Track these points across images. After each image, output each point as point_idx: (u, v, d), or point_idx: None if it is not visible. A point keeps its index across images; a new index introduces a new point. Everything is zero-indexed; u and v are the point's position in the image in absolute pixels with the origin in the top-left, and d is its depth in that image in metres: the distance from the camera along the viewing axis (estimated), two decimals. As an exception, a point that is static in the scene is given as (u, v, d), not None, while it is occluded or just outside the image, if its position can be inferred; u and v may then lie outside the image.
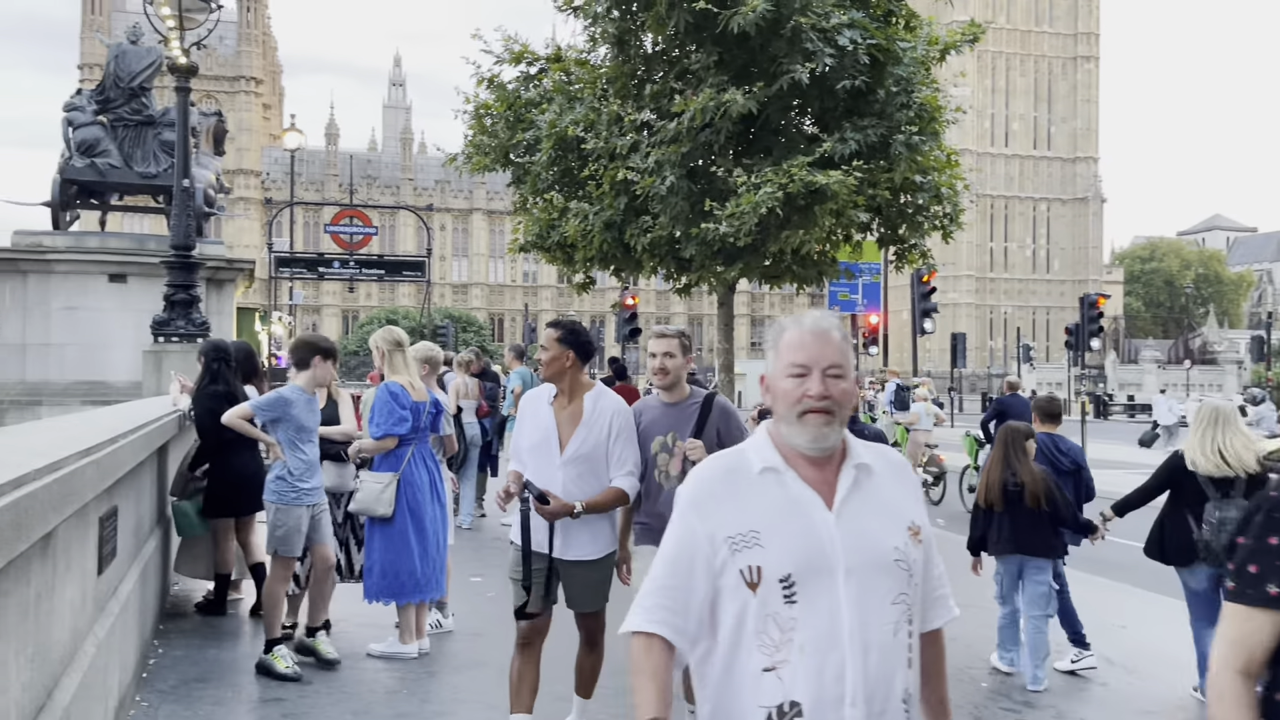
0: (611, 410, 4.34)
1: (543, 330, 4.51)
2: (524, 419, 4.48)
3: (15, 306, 16.26)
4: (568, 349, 4.33)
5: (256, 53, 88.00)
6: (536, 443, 4.33)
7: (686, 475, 3.54)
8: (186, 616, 7.19)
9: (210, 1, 12.44)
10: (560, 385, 4.37)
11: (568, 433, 4.30)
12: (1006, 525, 6.20)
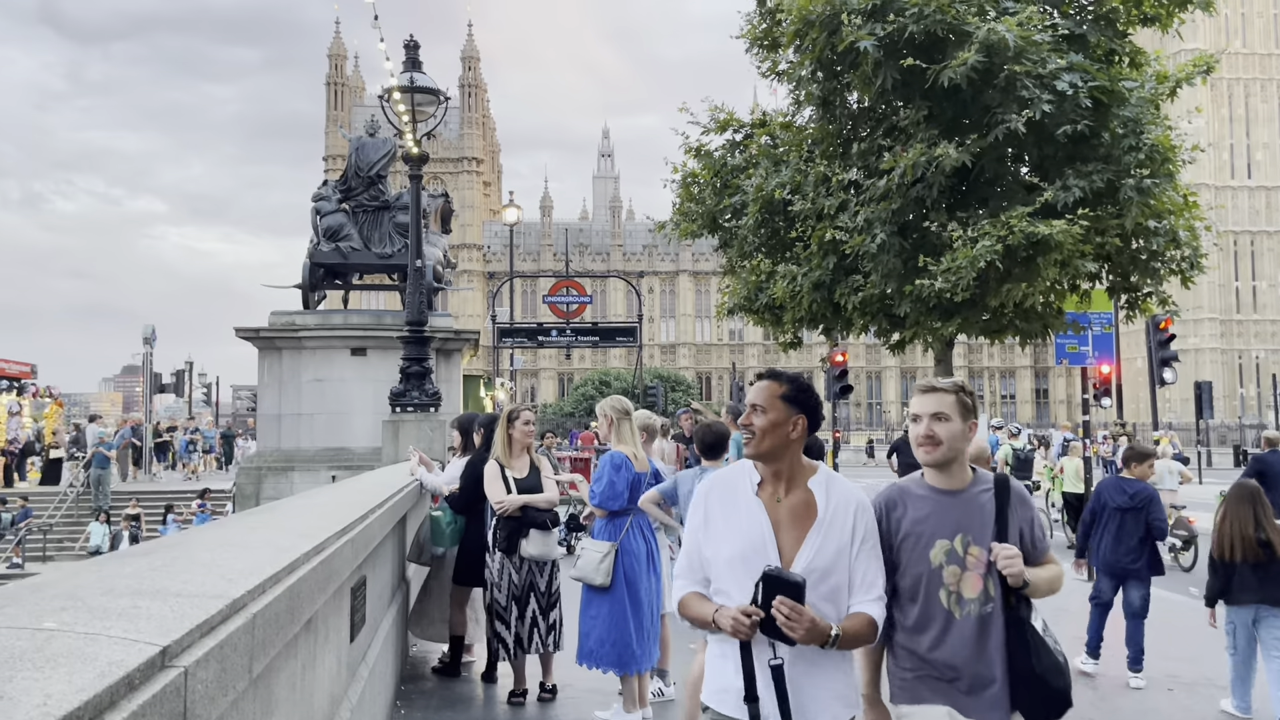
0: (854, 504, 2.94)
1: (753, 385, 3.03)
2: (712, 517, 2.98)
3: (272, 381, 17.86)
4: (796, 412, 2.93)
5: (477, 135, 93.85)
6: (741, 553, 2.86)
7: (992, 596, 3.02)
8: (425, 678, 7.55)
9: (439, 95, 13.42)
10: (775, 465, 2.94)
11: (792, 538, 2.87)
12: (1249, 576, 6.51)
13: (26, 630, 1.29)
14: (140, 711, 1.18)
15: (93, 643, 1.28)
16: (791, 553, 2.86)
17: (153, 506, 25.84)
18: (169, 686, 1.30)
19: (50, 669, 1.13)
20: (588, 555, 6.19)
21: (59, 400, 37.27)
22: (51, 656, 1.19)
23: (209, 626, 1.59)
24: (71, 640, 1.28)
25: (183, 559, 2.16)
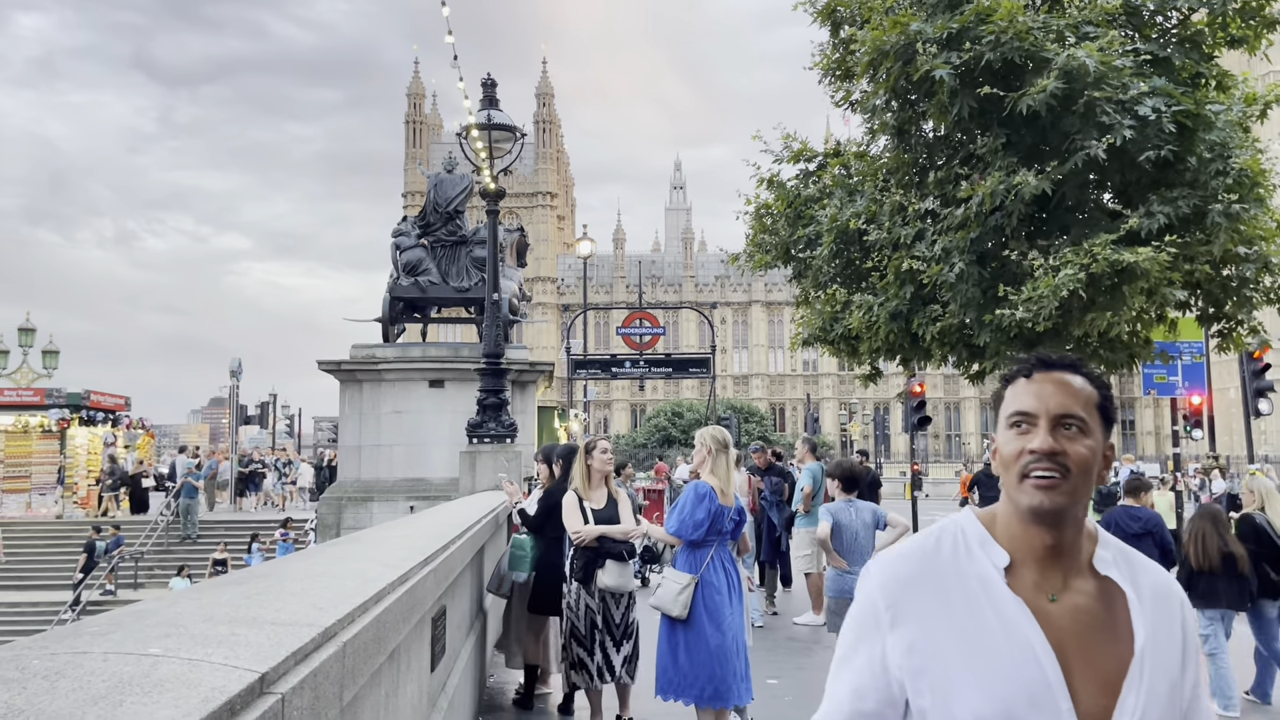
0: (1175, 601, 1.65)
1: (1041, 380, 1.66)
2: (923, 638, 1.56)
3: (353, 413, 18.24)
4: (1107, 435, 1.67)
5: (551, 169, 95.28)
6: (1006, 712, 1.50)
7: None
8: (503, 709, 7.57)
9: (516, 131, 13.67)
10: (1060, 531, 1.60)
11: (1093, 676, 1.54)
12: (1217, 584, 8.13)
13: (133, 656, 1.33)
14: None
15: (196, 669, 1.32)
16: (1098, 704, 1.53)
17: (239, 536, 26.50)
18: (267, 713, 1.33)
19: (158, 694, 1.17)
20: (667, 585, 6.17)
21: (150, 432, 38.55)
22: (158, 682, 1.22)
23: (303, 654, 1.63)
24: (176, 666, 1.32)
25: (275, 588, 2.21)
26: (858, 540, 7.34)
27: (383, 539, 4.27)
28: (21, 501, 29.41)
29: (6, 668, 1.21)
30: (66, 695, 1.11)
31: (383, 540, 4.13)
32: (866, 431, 73.37)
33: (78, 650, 1.35)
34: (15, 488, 29.54)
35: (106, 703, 1.10)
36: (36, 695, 1.09)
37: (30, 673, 1.19)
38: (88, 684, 1.17)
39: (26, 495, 29.64)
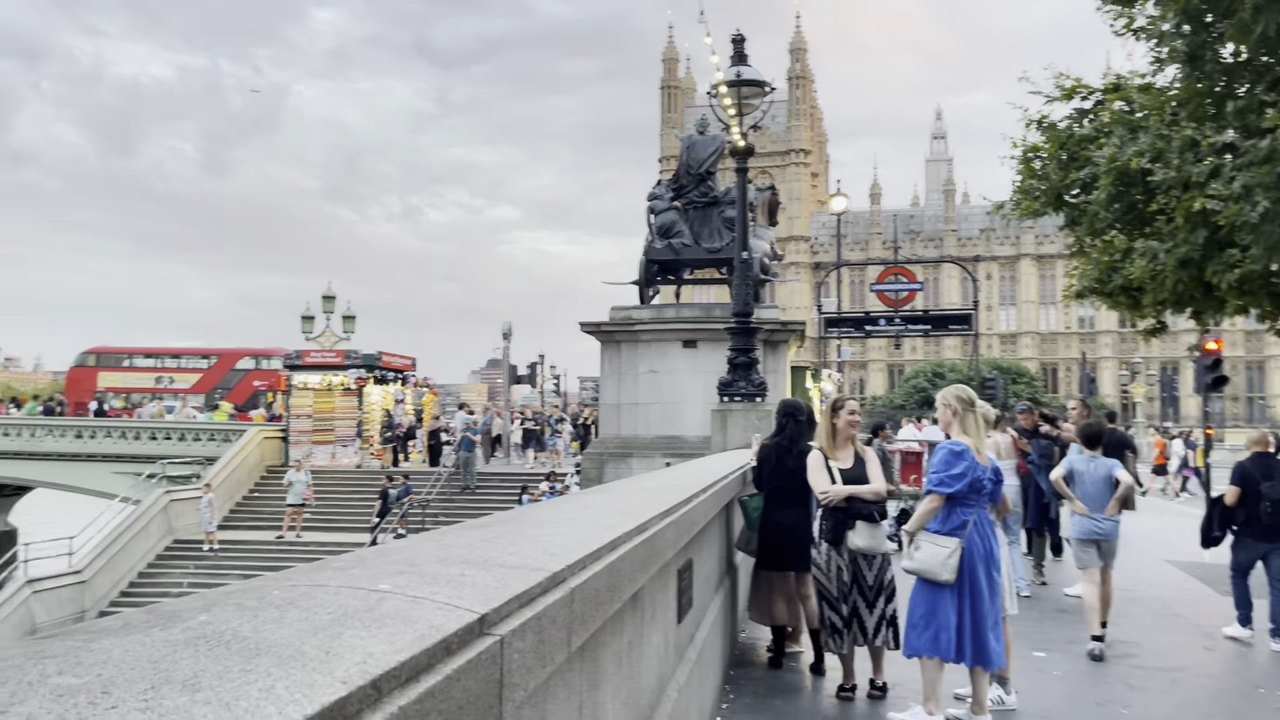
0: None
1: None
2: None
3: (611, 372, 18.85)
4: None
5: (804, 126, 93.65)
6: None
7: None
8: (754, 665, 7.60)
9: (764, 86, 13.46)
10: None
11: None
12: None
13: (363, 591, 1.38)
14: (455, 675, 1.22)
15: (418, 606, 1.35)
16: None
17: (511, 487, 28.26)
18: (485, 653, 1.34)
19: (376, 629, 1.20)
20: (931, 550, 5.88)
21: (434, 390, 41.76)
22: (380, 617, 1.26)
23: (528, 598, 1.64)
24: (400, 603, 1.35)
25: (513, 533, 2.27)
26: (1091, 490, 8.50)
27: (628, 490, 4.34)
28: (327, 452, 32.74)
29: (248, 596, 1.28)
30: (291, 625, 1.15)
31: (628, 491, 4.21)
32: (1151, 393, 67.52)
33: (317, 583, 1.42)
34: (322, 439, 32.91)
35: (326, 634, 1.14)
36: (263, 623, 1.14)
37: (267, 602, 1.26)
38: (314, 615, 1.21)
39: (331, 447, 32.96)
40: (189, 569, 25.04)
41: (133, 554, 25.18)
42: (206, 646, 1.02)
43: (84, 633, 1.06)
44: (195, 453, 31.89)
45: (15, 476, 35.56)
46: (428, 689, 1.13)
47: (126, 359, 52.49)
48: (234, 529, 27.64)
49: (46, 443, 33.85)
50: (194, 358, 52.61)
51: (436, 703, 1.15)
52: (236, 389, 49.02)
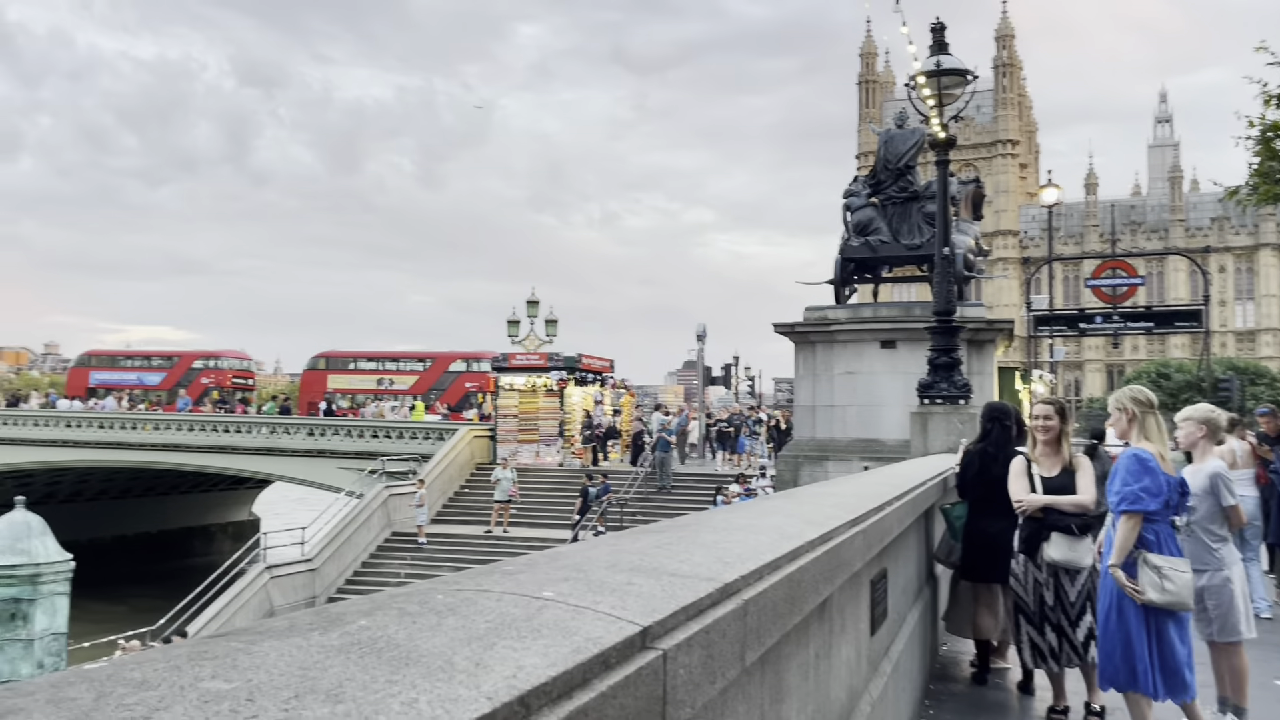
0: None
1: None
2: None
3: (806, 374, 18.56)
4: None
5: (1012, 115, 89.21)
6: None
7: None
8: (956, 680, 7.25)
9: (966, 74, 12.89)
10: None
11: None
12: None
13: (525, 598, 1.37)
14: (611, 692, 1.18)
15: (578, 616, 1.32)
16: None
17: (705, 488, 28.35)
18: (645, 669, 1.29)
19: (531, 640, 1.17)
20: (1177, 577, 5.27)
21: (631, 391, 42.53)
22: (537, 627, 1.23)
23: (696, 610, 1.59)
24: (560, 612, 1.33)
25: (687, 539, 2.22)
26: None
27: (816, 496, 4.21)
28: (532, 451, 33.92)
29: (411, 601, 1.29)
30: (446, 633, 1.14)
31: (815, 497, 4.08)
32: None
33: (481, 588, 1.42)
34: (527, 438, 34.13)
35: (480, 644, 1.12)
36: (419, 631, 1.14)
37: (429, 607, 1.26)
38: (471, 623, 1.20)
39: (535, 445, 34.14)
40: (406, 560, 26.51)
41: (357, 545, 26.91)
42: (358, 654, 1.02)
43: (250, 633, 1.08)
44: (412, 450, 33.76)
45: (257, 470, 38.82)
46: (580, 706, 1.09)
47: (352, 362, 56.43)
48: (446, 523, 29.05)
49: (283, 440, 36.72)
50: (411, 361, 55.92)
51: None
52: (450, 390, 51.72)
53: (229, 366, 58.19)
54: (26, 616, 17.83)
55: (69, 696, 0.81)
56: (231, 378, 57.05)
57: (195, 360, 58.64)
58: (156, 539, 51.59)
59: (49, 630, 18.23)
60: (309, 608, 2.31)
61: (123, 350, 66.14)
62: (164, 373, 57.92)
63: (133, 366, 59.54)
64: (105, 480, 45.53)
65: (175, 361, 59.16)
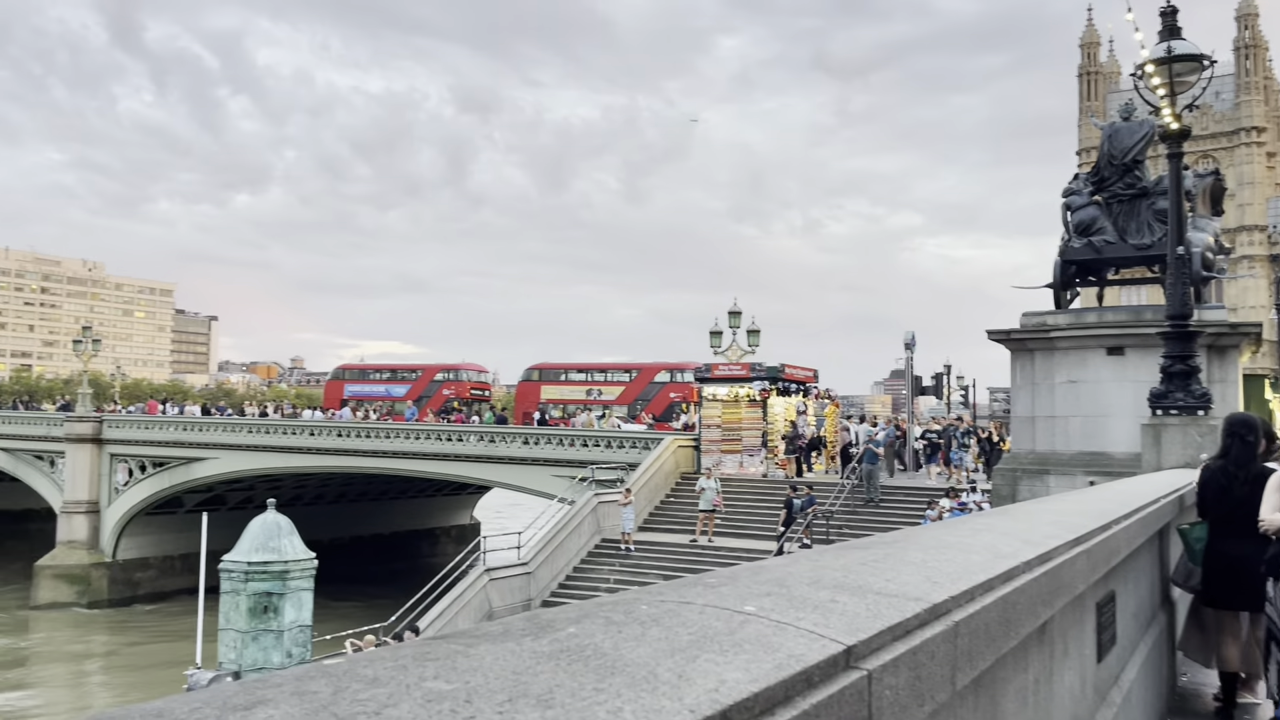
0: None
1: None
2: None
3: (1024, 383, 17.66)
4: None
5: (1256, 100, 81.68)
6: None
7: None
8: (1197, 714, 6.70)
9: (1202, 60, 11.95)
10: None
11: None
12: None
13: (727, 612, 1.38)
14: (814, 710, 1.17)
15: (780, 632, 1.32)
16: None
17: (916, 502, 27.47)
18: (849, 688, 1.28)
19: (733, 654, 1.18)
20: None
21: (836, 401, 41.80)
22: (739, 642, 1.24)
23: (903, 630, 1.55)
24: (762, 627, 1.33)
25: (894, 556, 2.16)
26: None
27: (1033, 512, 4.00)
28: (735, 461, 33.96)
29: (617, 610, 1.32)
30: (650, 644, 1.17)
31: (1033, 514, 3.87)
32: None
33: (684, 600, 1.44)
34: (730, 449, 34.21)
35: (683, 656, 1.14)
36: (624, 640, 1.17)
37: (633, 617, 1.29)
38: (674, 635, 1.22)
39: (739, 456, 34.15)
40: (614, 566, 27.12)
41: (569, 550, 27.78)
42: (567, 661, 1.06)
43: (469, 636, 1.15)
44: (620, 459, 34.53)
45: (476, 477, 40.82)
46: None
47: (563, 374, 58.57)
48: (652, 531, 29.51)
49: (499, 448, 38.45)
50: (618, 372, 57.41)
51: (793, 738, 1.10)
52: (655, 400, 52.71)
53: (468, 378, 61.63)
54: (277, 609, 19.48)
55: (310, 690, 0.89)
56: (470, 389, 60.39)
57: (437, 373, 62.33)
58: (387, 540, 55.18)
59: (296, 622, 19.85)
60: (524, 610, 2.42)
61: (372, 365, 71.42)
62: (409, 385, 61.98)
63: (381, 379, 64.11)
64: (343, 484, 49.15)
65: (419, 375, 63.10)
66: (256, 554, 19.64)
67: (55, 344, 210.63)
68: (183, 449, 44.24)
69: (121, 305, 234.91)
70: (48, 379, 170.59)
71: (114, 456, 45.78)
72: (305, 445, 42.42)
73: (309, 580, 20.35)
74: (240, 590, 19.40)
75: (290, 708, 0.84)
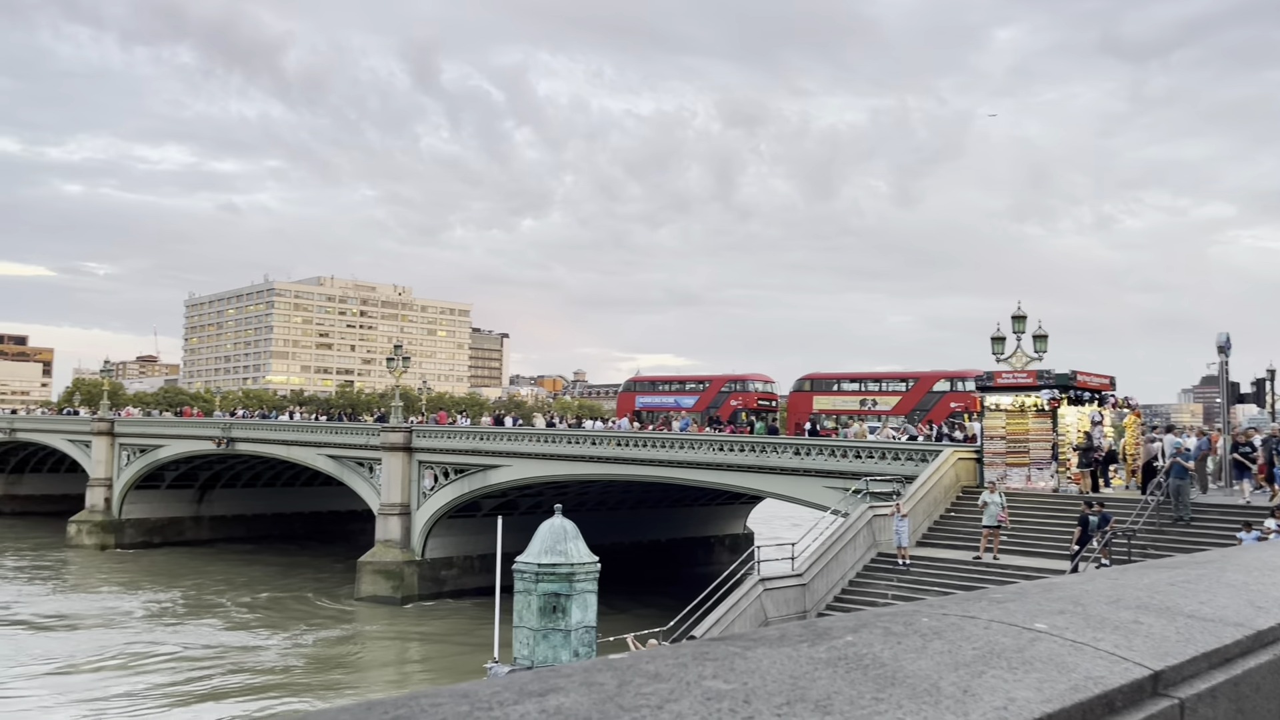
0: None
1: None
2: None
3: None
4: None
5: None
6: None
7: None
8: None
9: None
10: None
11: None
12: None
13: (1015, 628, 1.30)
14: (1116, 737, 1.08)
15: (1076, 652, 1.23)
16: None
17: (1231, 522, 24.74)
18: (1158, 716, 1.17)
19: (1023, 672, 1.12)
20: None
21: (1136, 410, 38.43)
22: (1029, 660, 1.17)
23: (1221, 658, 1.40)
24: (1055, 646, 1.25)
25: (1208, 578, 1.96)
26: None
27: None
28: (1022, 474, 32.03)
29: (895, 621, 1.29)
30: (932, 656, 1.13)
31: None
32: None
33: (967, 614, 1.38)
34: (1016, 461, 32.31)
35: (967, 671, 1.09)
36: (904, 651, 1.14)
37: (913, 629, 1.25)
38: (957, 649, 1.18)
39: (1025, 469, 32.18)
40: (891, 581, 26.36)
41: (844, 563, 27.32)
42: (845, 668, 1.05)
43: (745, 639, 1.16)
44: (894, 471, 33.56)
45: (748, 487, 41.12)
46: (1079, 749, 1.02)
47: (836, 384, 57.74)
48: (930, 546, 28.43)
49: (770, 458, 38.49)
50: (894, 381, 55.79)
51: (1094, 765, 1.03)
52: (934, 410, 50.79)
53: (754, 389, 62.16)
54: (564, 610, 20.54)
55: (597, 681, 0.94)
56: (758, 399, 60.91)
57: (724, 384, 63.30)
58: (664, 547, 56.71)
59: (582, 623, 20.84)
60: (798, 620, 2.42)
61: (660, 376, 73.61)
62: (696, 395, 63.43)
63: (669, 391, 66.02)
64: (623, 492, 51.06)
65: (706, 386, 64.38)
66: (545, 557, 20.80)
67: (372, 361, 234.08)
68: (479, 457, 47.68)
69: (426, 325, 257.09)
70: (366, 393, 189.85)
71: (421, 463, 50.10)
72: (587, 454, 44.47)
73: (593, 583, 21.30)
74: (531, 590, 20.62)
75: (579, 696, 0.89)
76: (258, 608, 46.56)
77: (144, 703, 31.55)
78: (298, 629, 42.13)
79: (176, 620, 43.66)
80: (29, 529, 74.32)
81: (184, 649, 38.26)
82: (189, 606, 46.69)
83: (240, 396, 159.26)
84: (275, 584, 52.67)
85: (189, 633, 41.10)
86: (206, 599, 48.25)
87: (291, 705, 31.48)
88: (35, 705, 31.01)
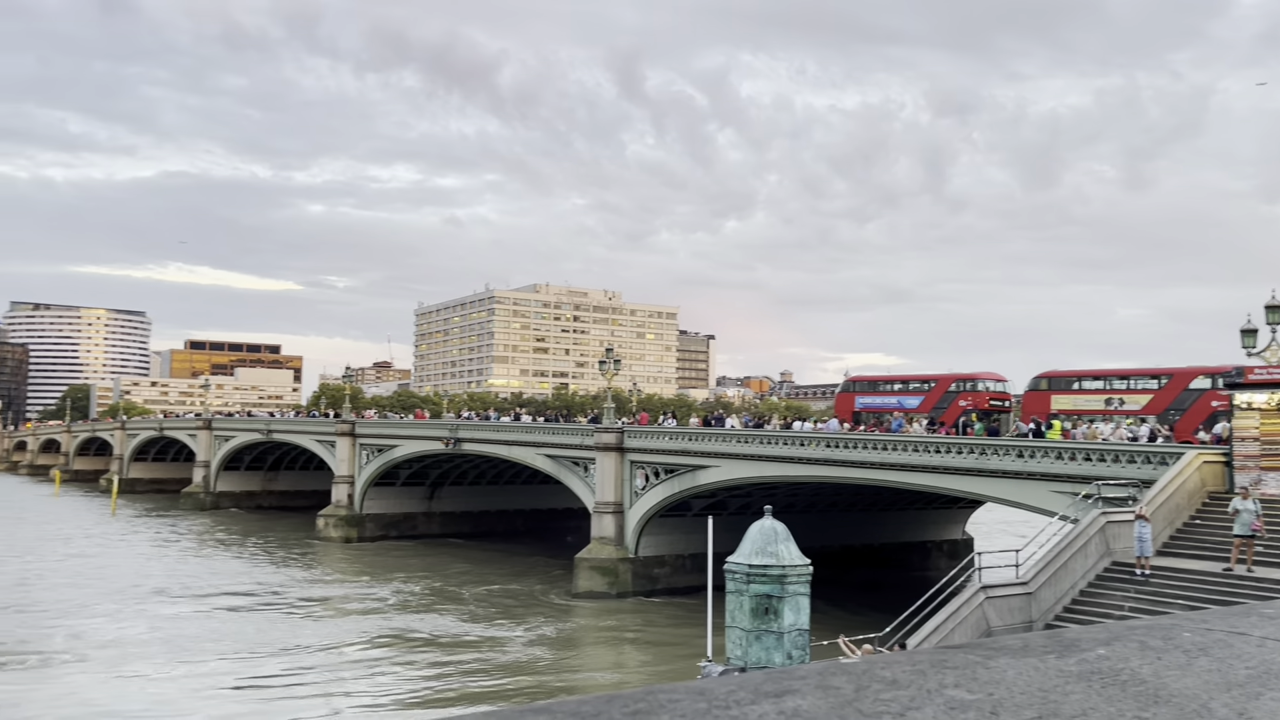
0: None
1: None
2: None
3: None
4: None
5: None
6: None
7: None
8: None
9: None
10: None
11: None
12: None
13: (1294, 648, 1.18)
14: None
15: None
16: None
17: None
18: None
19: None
20: None
21: None
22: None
23: None
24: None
25: None
26: None
27: None
28: (1278, 479, 29.18)
29: (1153, 635, 1.20)
30: (1196, 675, 1.04)
31: None
32: None
33: (1235, 630, 1.26)
34: (1272, 465, 29.46)
35: (1239, 692, 1.00)
36: (1164, 668, 1.05)
37: (1174, 644, 1.16)
38: (1227, 667, 1.08)
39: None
40: (1128, 593, 24.62)
41: (1073, 572, 25.74)
42: (1100, 683, 0.98)
43: (985, 648, 1.11)
44: (1129, 475, 31.34)
45: (965, 490, 39.47)
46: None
47: (1076, 381, 53.82)
48: (1172, 556, 26.35)
49: (992, 461, 36.78)
50: (1144, 378, 51.28)
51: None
52: (1191, 410, 46.58)
53: (985, 388, 57.91)
54: (777, 612, 20.43)
55: (833, 685, 0.92)
56: (989, 400, 56.79)
57: (951, 383, 59.06)
58: (876, 551, 55.33)
59: (794, 626, 20.65)
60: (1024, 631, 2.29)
61: (882, 376, 70.21)
62: (921, 396, 60.28)
63: (892, 391, 63.23)
64: (833, 494, 50.21)
65: (932, 386, 60.45)
66: (756, 558, 20.76)
67: (585, 364, 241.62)
68: (687, 457, 48.19)
69: (635, 329, 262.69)
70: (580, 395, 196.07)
71: (633, 463, 51.20)
72: (795, 455, 44.03)
73: (805, 585, 21.05)
74: (743, 591, 20.63)
75: (816, 699, 0.87)
76: (491, 599, 49.17)
77: (417, 683, 34.08)
78: (532, 620, 44.19)
79: (424, 609, 46.91)
80: (284, 520, 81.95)
81: (433, 635, 41.11)
82: (433, 596, 50.00)
83: (465, 399, 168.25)
84: (502, 577, 55.50)
85: (435, 621, 44.16)
86: (448, 590, 51.52)
87: (549, 691, 32.99)
88: (322, 679, 34.04)
